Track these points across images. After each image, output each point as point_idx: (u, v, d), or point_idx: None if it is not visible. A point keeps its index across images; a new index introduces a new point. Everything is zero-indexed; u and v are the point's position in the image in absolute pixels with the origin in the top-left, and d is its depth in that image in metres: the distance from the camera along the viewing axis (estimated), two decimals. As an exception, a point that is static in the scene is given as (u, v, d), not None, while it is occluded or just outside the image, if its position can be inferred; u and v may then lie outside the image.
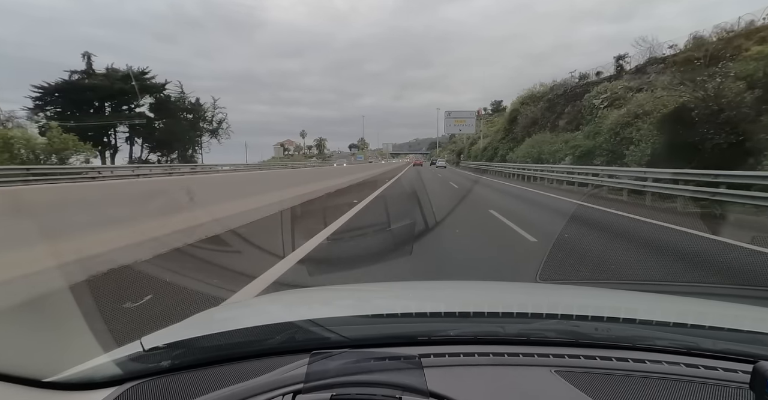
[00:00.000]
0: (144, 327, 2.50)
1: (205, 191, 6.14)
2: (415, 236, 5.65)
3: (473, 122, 56.30)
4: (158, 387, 0.81)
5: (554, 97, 30.17)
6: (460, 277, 3.96)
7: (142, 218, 4.50)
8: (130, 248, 4.05)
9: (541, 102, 31.88)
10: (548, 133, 25.76)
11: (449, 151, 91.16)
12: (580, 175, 15.79)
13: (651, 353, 0.89)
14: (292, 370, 0.80)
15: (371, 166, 34.86)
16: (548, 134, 25.58)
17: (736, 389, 0.76)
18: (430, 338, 0.96)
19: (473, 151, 51.39)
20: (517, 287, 1.93)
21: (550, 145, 23.39)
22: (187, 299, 3.12)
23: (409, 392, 0.73)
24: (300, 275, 3.91)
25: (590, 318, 1.04)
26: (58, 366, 0.87)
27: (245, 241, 5.34)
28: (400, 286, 2.05)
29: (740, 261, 4.81)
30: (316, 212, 8.50)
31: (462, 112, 57.43)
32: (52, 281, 3.11)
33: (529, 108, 32.89)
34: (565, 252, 4.92)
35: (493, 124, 57.23)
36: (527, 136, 29.63)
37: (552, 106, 29.52)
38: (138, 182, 9.47)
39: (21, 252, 3.08)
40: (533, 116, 31.45)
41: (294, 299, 1.63)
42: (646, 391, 0.77)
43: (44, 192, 4.19)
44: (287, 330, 0.96)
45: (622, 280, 3.87)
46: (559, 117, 26.93)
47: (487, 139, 45.61)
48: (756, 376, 0.65)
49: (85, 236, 3.68)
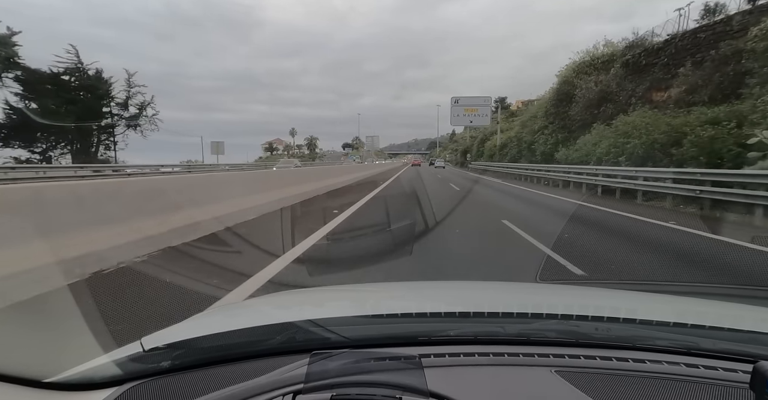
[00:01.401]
0: (143, 327, 2.50)
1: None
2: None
3: (488, 112, 41.87)
4: (158, 388, 0.81)
5: (641, 56, 18.09)
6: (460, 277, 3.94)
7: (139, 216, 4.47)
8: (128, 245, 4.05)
9: (614, 67, 19.83)
10: (649, 113, 13.81)
11: (451, 150, 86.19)
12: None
13: (651, 353, 0.89)
14: (292, 370, 0.80)
15: (354, 168, 24.99)
16: (652, 114, 13.57)
17: (736, 389, 0.76)
18: (430, 338, 0.96)
19: (487, 148, 40.89)
20: (517, 287, 1.93)
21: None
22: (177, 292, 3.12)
23: (409, 392, 0.73)
24: (300, 276, 3.92)
25: (590, 318, 1.04)
26: (58, 366, 0.87)
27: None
28: (400, 286, 2.05)
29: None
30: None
31: (474, 98, 42.37)
32: (50, 279, 3.12)
33: (592, 79, 20.83)
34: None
35: (505, 119, 46.59)
36: (593, 121, 18.15)
37: (638, 71, 17.84)
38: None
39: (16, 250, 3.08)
40: (604, 90, 19.39)
41: (294, 299, 1.63)
42: (646, 391, 0.77)
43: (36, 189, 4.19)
44: (287, 330, 0.96)
45: (623, 280, 3.87)
46: (660, 85, 16.03)
47: (510, 133, 33.91)
48: (756, 376, 0.65)
49: (79, 234, 3.68)
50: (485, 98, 42.93)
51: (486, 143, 42.72)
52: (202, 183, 7.00)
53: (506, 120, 42.22)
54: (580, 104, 20.99)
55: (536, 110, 28.18)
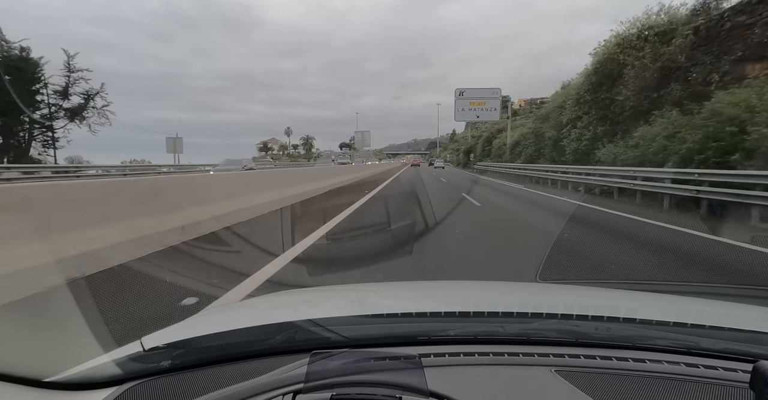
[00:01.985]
0: (143, 326, 2.50)
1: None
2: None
3: (496, 105, 35.19)
4: (158, 387, 0.81)
5: (723, 19, 13.10)
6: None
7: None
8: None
9: (677, 37, 14.48)
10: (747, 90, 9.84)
11: (451, 150, 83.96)
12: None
13: (651, 353, 0.89)
14: (292, 370, 0.80)
15: (338, 171, 19.00)
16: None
17: (736, 389, 0.76)
18: (430, 338, 0.96)
19: (495, 147, 36.66)
20: (517, 287, 1.93)
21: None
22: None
23: (409, 391, 0.73)
24: (299, 275, 3.91)
25: (590, 318, 1.04)
26: (58, 366, 0.87)
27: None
28: (400, 286, 2.05)
29: None
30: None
31: (480, 90, 35.46)
32: (48, 278, 3.12)
33: (647, 53, 15.29)
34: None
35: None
36: (652, 108, 13.77)
37: (717, 38, 13.12)
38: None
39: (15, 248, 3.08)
40: (667, 66, 14.41)
41: (294, 299, 1.63)
42: (646, 390, 0.77)
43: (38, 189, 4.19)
44: (287, 330, 0.96)
45: (622, 280, 3.87)
46: (761, 52, 11.19)
47: (523, 130, 29.79)
48: (756, 375, 0.65)
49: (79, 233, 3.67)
50: (493, 90, 35.49)
51: (494, 141, 38.40)
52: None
53: (512, 119, 37.74)
54: (631, 87, 15.44)
55: (563, 99, 22.14)
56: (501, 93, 36.12)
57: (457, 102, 35.45)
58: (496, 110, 35.26)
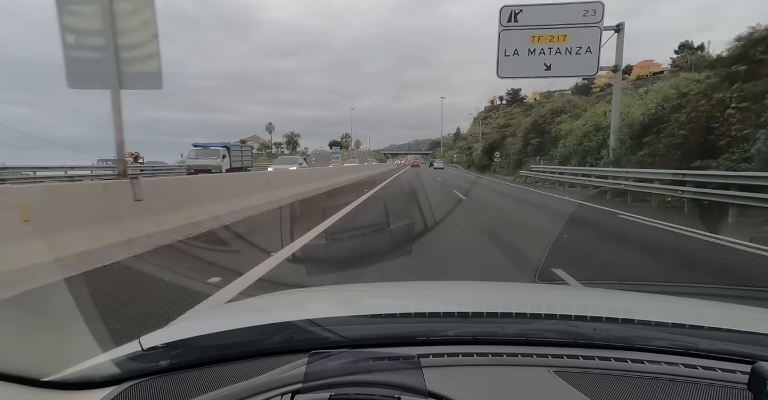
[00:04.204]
0: (142, 325, 2.50)
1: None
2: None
3: (594, 41, 15.19)
4: (157, 387, 0.81)
5: None
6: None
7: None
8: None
9: None
10: None
11: (458, 149, 74.96)
12: None
13: (649, 354, 0.89)
14: (290, 370, 0.80)
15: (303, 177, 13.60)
16: None
17: (734, 390, 0.76)
18: (428, 338, 0.96)
19: (574, 135, 20.20)
20: (516, 288, 1.93)
21: None
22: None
23: (407, 392, 0.73)
24: (299, 275, 3.91)
25: (589, 318, 1.04)
26: (57, 366, 0.87)
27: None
28: (398, 286, 2.05)
29: None
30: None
31: (559, 7, 15.60)
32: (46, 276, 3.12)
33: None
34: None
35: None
36: None
37: None
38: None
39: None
40: None
41: (292, 298, 1.62)
42: (645, 391, 0.77)
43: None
44: (286, 330, 0.96)
45: (622, 280, 3.87)
46: None
47: (633, 110, 15.68)
48: (754, 376, 0.65)
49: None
50: (585, 5, 15.36)
51: (560, 125, 22.59)
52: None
53: (525, 113, 27.12)
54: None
55: (728, 60, 11.65)
56: (603, 10, 15.35)
57: (504, 36, 15.83)
58: (591, 53, 15.38)
